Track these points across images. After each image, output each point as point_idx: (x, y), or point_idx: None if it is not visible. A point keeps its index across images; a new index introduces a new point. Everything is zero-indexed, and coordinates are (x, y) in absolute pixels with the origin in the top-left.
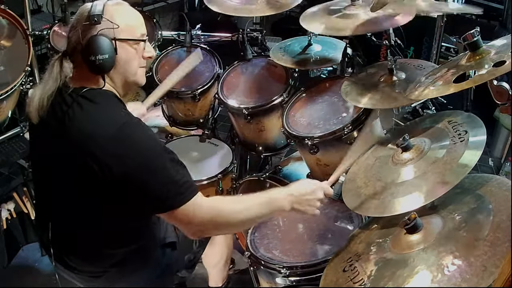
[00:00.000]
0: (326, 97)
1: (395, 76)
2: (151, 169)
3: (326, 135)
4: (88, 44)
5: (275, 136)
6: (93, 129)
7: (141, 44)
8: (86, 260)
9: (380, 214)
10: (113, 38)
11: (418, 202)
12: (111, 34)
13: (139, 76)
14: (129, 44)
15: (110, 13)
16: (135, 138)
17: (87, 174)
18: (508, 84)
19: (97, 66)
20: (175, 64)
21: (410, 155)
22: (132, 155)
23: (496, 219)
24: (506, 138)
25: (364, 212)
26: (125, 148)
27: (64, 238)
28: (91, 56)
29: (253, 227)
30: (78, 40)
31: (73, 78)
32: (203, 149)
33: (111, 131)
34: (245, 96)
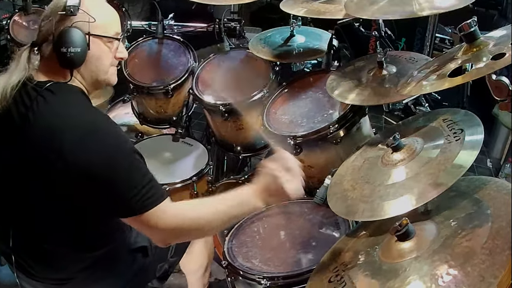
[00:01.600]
0: (310, 92)
1: (385, 70)
2: (117, 170)
3: (310, 134)
4: (60, 35)
5: (254, 135)
6: (58, 125)
7: (115, 43)
8: (51, 267)
9: (369, 218)
10: (87, 32)
11: (409, 205)
12: (85, 28)
13: (110, 75)
14: (103, 41)
15: (87, 6)
16: (103, 136)
17: (51, 173)
18: (508, 79)
19: (68, 59)
20: (145, 57)
21: (401, 155)
22: (98, 153)
23: (495, 225)
24: (506, 137)
25: (351, 217)
26: (92, 145)
27: (27, 245)
28: (62, 48)
29: (230, 234)
30: (50, 30)
31: (40, 71)
32: (176, 149)
33: (77, 127)
34: (222, 92)
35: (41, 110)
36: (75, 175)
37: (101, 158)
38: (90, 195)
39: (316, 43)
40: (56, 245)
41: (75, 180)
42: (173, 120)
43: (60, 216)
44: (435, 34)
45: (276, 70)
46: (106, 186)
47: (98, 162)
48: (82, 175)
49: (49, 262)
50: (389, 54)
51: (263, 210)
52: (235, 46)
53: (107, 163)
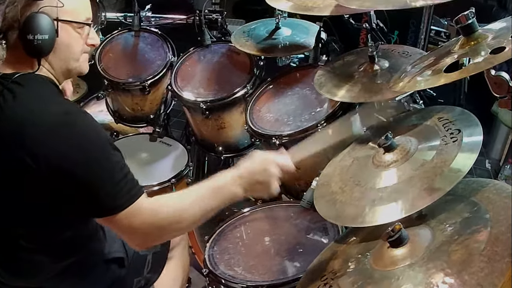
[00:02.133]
0: (297, 89)
1: (377, 65)
2: (91, 164)
3: (297, 133)
4: (27, 21)
5: (237, 135)
6: (27, 118)
7: (86, 29)
8: (20, 274)
9: (359, 224)
10: (55, 18)
11: (403, 211)
12: (53, 14)
13: (81, 63)
14: (73, 27)
15: None
16: (76, 129)
17: (19, 170)
18: (508, 74)
19: (35, 47)
20: (121, 51)
21: (394, 156)
22: (70, 147)
23: (494, 230)
24: (506, 137)
25: (340, 222)
26: (64, 139)
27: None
28: (29, 35)
29: (211, 240)
30: (16, 16)
31: (6, 62)
32: (153, 150)
33: (48, 120)
34: (203, 88)
35: (9, 104)
36: (45, 171)
37: (73, 151)
38: (62, 193)
39: (303, 36)
40: (27, 251)
41: (46, 177)
42: (151, 118)
43: (31, 219)
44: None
45: (260, 65)
46: (80, 183)
47: (70, 156)
48: (53, 171)
49: (18, 270)
50: (381, 47)
51: (246, 214)
52: (216, 39)
53: (79, 157)
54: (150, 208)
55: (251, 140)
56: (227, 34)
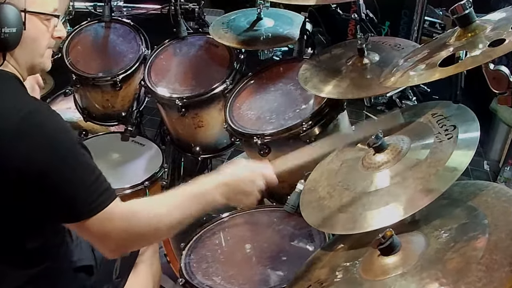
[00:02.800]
0: (280, 84)
1: (367, 59)
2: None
3: (280, 132)
4: None
5: (216, 134)
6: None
7: (53, 21)
8: None
9: (348, 231)
10: (23, 9)
11: (395, 216)
12: (21, 5)
13: (45, 59)
14: (40, 18)
15: None
16: (44, 129)
17: None
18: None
19: (1, 41)
20: (90, 44)
21: (385, 157)
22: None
23: (493, 237)
24: (506, 136)
25: (327, 229)
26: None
27: None
28: None
29: (188, 248)
30: None
31: None
32: (125, 150)
33: (14, 120)
34: (179, 84)
35: None
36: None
37: (40, 152)
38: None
39: (286, 27)
40: None
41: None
42: (122, 116)
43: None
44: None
45: (240, 59)
46: (48, 187)
47: (37, 157)
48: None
49: None
50: (371, 40)
51: (225, 220)
52: (193, 30)
53: (47, 157)
54: (124, 213)
55: (231, 140)
56: (205, 25)
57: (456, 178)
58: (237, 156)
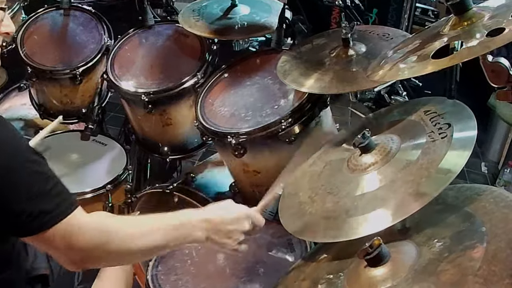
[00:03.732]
0: (257, 78)
1: (352, 50)
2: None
3: (257, 131)
4: None
5: (186, 132)
6: None
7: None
8: None
9: (331, 239)
10: None
11: (383, 223)
12: None
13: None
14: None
15: None
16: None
17: None
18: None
19: None
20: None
21: (373, 158)
22: None
23: (492, 246)
24: (505, 135)
25: (309, 237)
26: None
27: None
28: None
29: (155, 258)
30: None
31: None
32: (86, 150)
33: None
34: (145, 77)
35: None
36: None
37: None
38: None
39: (264, 15)
40: None
41: None
42: (82, 113)
43: None
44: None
45: (213, 50)
46: None
47: None
48: None
49: None
50: (356, 29)
51: None
52: (161, 19)
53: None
54: (96, 227)
55: (202, 139)
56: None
57: (450, 181)
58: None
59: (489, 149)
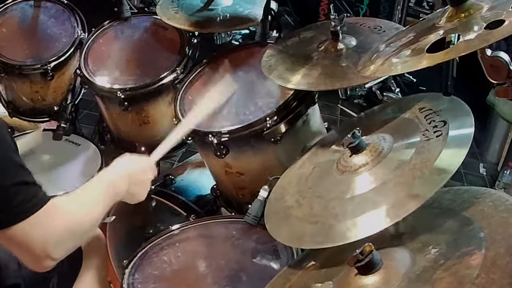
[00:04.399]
0: (240, 73)
1: (342, 43)
2: None
3: (240, 130)
4: None
5: (164, 132)
6: None
7: None
8: None
9: (319, 245)
10: None
11: (375, 227)
12: None
13: None
14: None
15: None
16: None
17: None
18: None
19: None
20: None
21: (364, 158)
22: None
23: (490, 253)
24: (505, 134)
25: (295, 244)
26: None
27: None
28: None
29: (132, 265)
30: None
31: None
32: (58, 150)
33: None
34: (121, 72)
35: None
36: None
37: None
38: None
39: (247, 6)
40: None
41: None
42: (54, 110)
43: None
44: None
45: (193, 43)
46: None
47: None
48: None
49: None
50: (346, 21)
51: (175, 233)
52: (137, 10)
53: None
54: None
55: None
56: (152, 4)
57: (444, 181)
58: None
59: (488, 150)
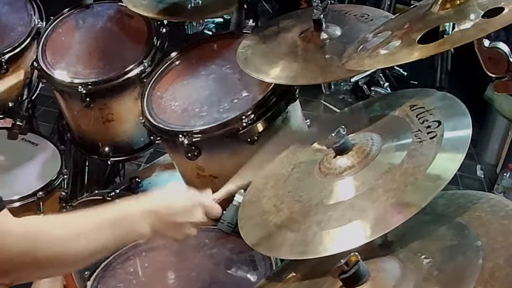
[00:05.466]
0: (213, 66)
1: (325, 33)
2: None
3: (213, 129)
4: None
5: (130, 130)
6: None
7: None
8: None
9: (300, 255)
10: None
11: (360, 238)
12: None
13: None
14: None
15: None
16: None
17: None
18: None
19: None
20: None
21: (349, 160)
22: None
23: (489, 263)
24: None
25: (274, 253)
26: None
27: None
28: None
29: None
30: None
31: None
32: (13, 151)
33: None
34: (82, 65)
35: None
36: None
37: None
38: None
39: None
40: None
41: None
42: (9, 107)
43: None
44: None
45: (162, 33)
46: None
47: None
48: None
49: None
50: (330, 9)
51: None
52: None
53: None
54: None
55: (149, 138)
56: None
57: (439, 189)
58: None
59: (486, 150)
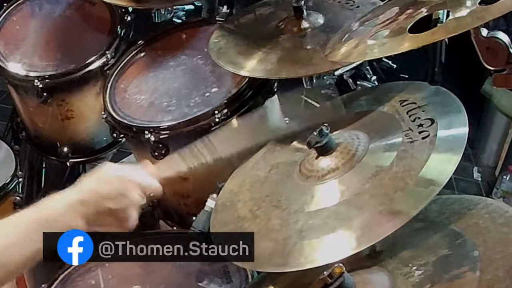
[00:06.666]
0: (183, 57)
1: (306, 21)
2: None
3: (183, 125)
4: None
5: (91, 128)
6: None
7: None
8: None
9: (278, 268)
10: None
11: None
12: None
13: None
14: None
15: None
16: None
17: None
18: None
19: None
20: None
21: (333, 162)
22: None
23: (487, 275)
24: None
25: (250, 265)
26: None
27: None
28: None
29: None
30: None
31: None
32: None
33: None
34: (39, 57)
35: None
36: None
37: None
38: None
39: None
40: None
41: None
42: None
43: None
44: None
45: (126, 21)
46: None
47: None
48: None
49: None
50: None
51: None
52: None
53: None
54: None
55: (113, 136)
56: None
57: (433, 195)
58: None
59: (484, 150)
